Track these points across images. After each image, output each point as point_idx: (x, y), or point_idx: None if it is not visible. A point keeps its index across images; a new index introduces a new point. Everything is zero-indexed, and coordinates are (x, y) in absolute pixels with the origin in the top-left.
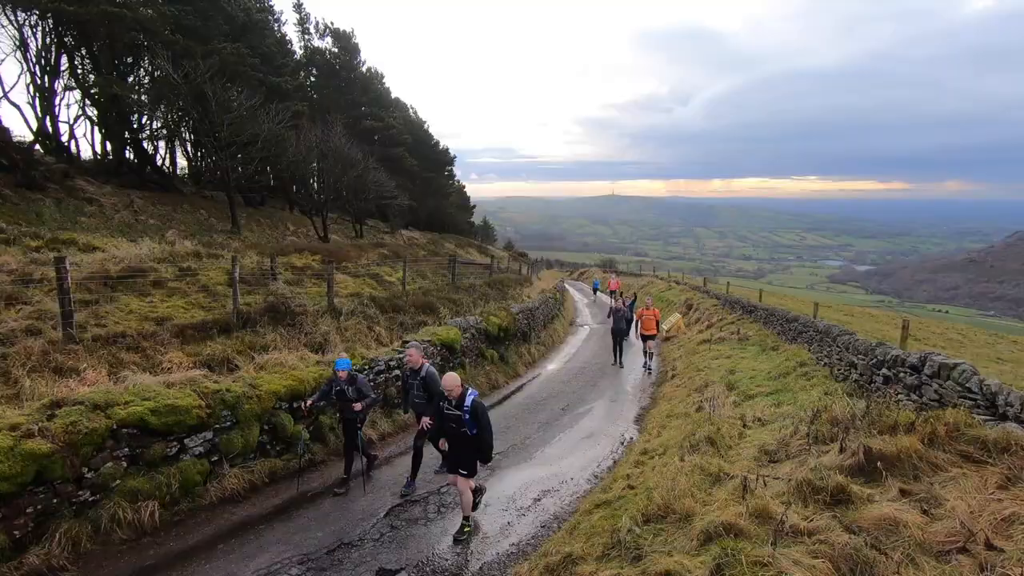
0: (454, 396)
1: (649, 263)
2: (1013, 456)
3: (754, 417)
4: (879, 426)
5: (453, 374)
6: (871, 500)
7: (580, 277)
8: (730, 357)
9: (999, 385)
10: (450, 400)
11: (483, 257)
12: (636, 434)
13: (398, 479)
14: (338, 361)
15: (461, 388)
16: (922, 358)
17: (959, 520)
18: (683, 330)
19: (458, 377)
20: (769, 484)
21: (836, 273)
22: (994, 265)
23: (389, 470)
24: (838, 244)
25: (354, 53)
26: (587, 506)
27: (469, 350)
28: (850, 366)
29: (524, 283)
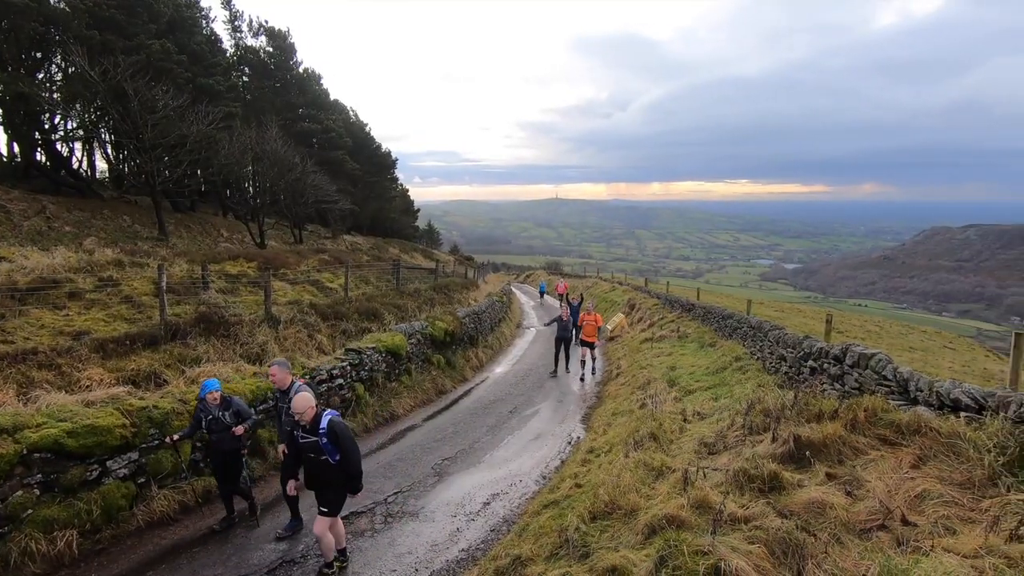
0: (306, 420)
1: (593, 264)
2: (924, 437)
3: (694, 411)
4: (807, 415)
5: (303, 393)
6: (801, 485)
7: (526, 280)
8: (671, 354)
9: (910, 372)
10: (303, 425)
11: (428, 261)
12: (583, 433)
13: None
14: (206, 383)
15: (314, 409)
16: (843, 349)
17: (878, 499)
18: (626, 329)
19: (310, 396)
20: (709, 475)
21: (767, 272)
22: (905, 261)
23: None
24: (768, 244)
25: (290, 53)
26: (536, 507)
27: (415, 356)
28: (780, 359)
29: (470, 287)
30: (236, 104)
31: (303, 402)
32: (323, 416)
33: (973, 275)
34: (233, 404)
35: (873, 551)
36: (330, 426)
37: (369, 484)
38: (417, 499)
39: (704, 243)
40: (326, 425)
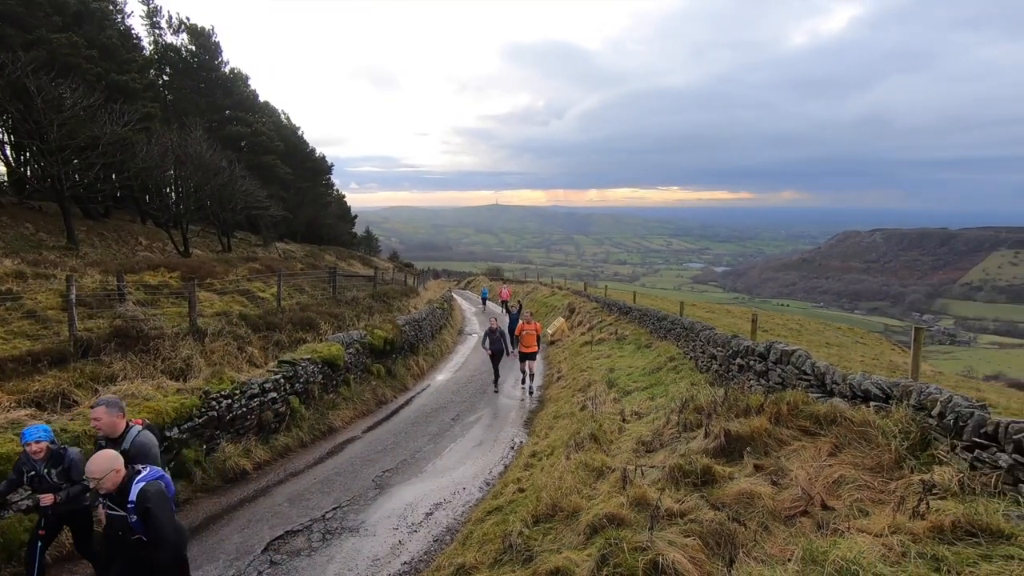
0: (109, 488)
1: (534, 270)
2: (840, 426)
3: (632, 411)
4: (736, 410)
5: (105, 451)
6: (732, 478)
7: (467, 286)
8: (610, 356)
9: (827, 366)
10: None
11: (367, 269)
12: (526, 437)
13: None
14: (26, 432)
15: (120, 473)
16: (768, 347)
17: (800, 487)
18: (567, 333)
19: (114, 457)
20: (647, 473)
21: (698, 274)
22: (821, 263)
23: (266, 500)
24: (699, 248)
25: (214, 52)
26: (479, 514)
27: (353, 366)
28: (711, 358)
29: (410, 294)
30: (155, 104)
31: (103, 462)
32: (133, 483)
33: (880, 275)
34: (66, 460)
35: (797, 536)
36: (141, 495)
37: (306, 501)
38: (357, 513)
39: (640, 248)
40: (136, 496)
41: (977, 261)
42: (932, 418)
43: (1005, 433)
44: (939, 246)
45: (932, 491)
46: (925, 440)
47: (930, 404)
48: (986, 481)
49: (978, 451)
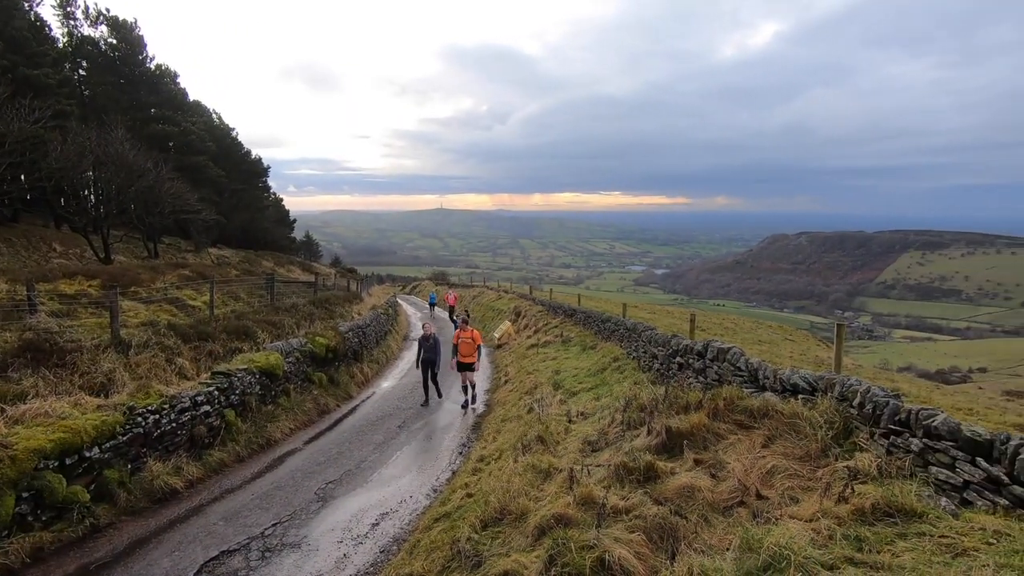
0: None
1: (480, 274)
2: (771, 419)
3: (578, 412)
4: (676, 407)
5: None
6: (673, 473)
7: (413, 291)
8: (556, 358)
9: (759, 362)
10: None
11: (307, 275)
12: (474, 442)
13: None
14: None
15: None
16: (705, 345)
17: (737, 479)
18: (514, 336)
19: None
20: (593, 472)
21: (640, 277)
22: (753, 265)
23: (199, 520)
24: (640, 251)
25: (137, 46)
26: (427, 522)
27: (294, 375)
28: (653, 357)
29: (354, 300)
30: (71, 101)
31: None
32: None
33: (805, 275)
34: None
35: (735, 526)
36: None
37: (243, 518)
38: (299, 528)
39: (584, 251)
40: None
41: (890, 261)
42: (853, 408)
43: (916, 419)
44: (857, 248)
45: (854, 477)
46: (848, 429)
47: (851, 395)
48: (901, 465)
49: (893, 437)
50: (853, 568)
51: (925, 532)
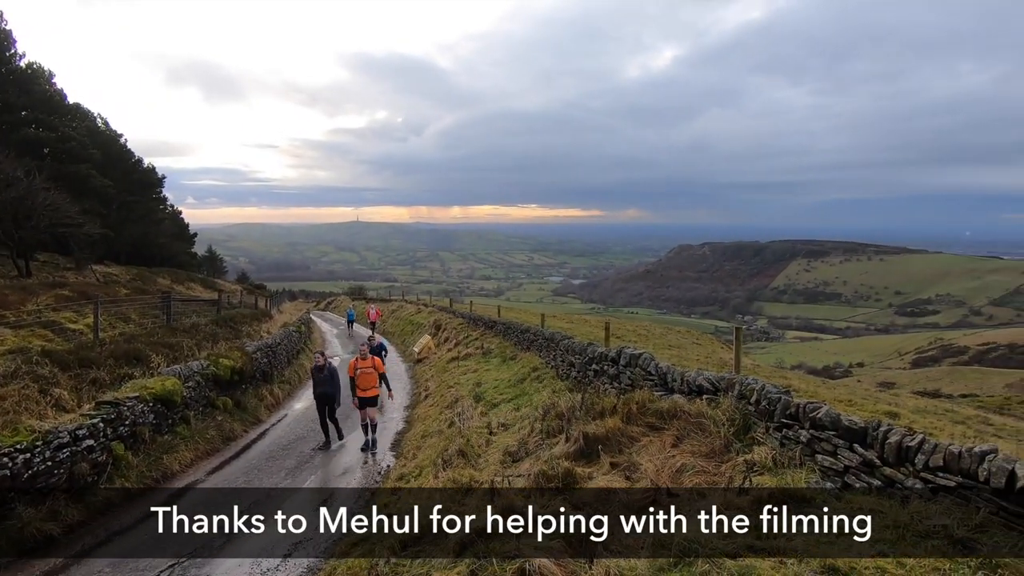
0: None
1: (399, 287)
2: (680, 420)
3: (499, 423)
4: (593, 413)
5: None
6: (591, 477)
7: (328, 307)
8: (476, 371)
9: (668, 366)
10: None
11: (210, 292)
12: (393, 460)
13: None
14: None
15: None
16: (619, 352)
17: (650, 479)
18: (434, 350)
19: None
20: (513, 482)
21: (558, 287)
22: (662, 274)
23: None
24: (558, 262)
25: (6, 41)
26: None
27: (194, 401)
28: (570, 365)
29: (263, 318)
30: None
31: None
32: None
33: (709, 283)
34: None
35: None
36: None
37: (135, 562)
38: (200, 568)
39: (503, 263)
40: None
41: (782, 269)
42: (751, 406)
43: (804, 413)
44: (753, 256)
45: (753, 469)
46: (747, 425)
47: (749, 394)
48: (792, 455)
49: (786, 430)
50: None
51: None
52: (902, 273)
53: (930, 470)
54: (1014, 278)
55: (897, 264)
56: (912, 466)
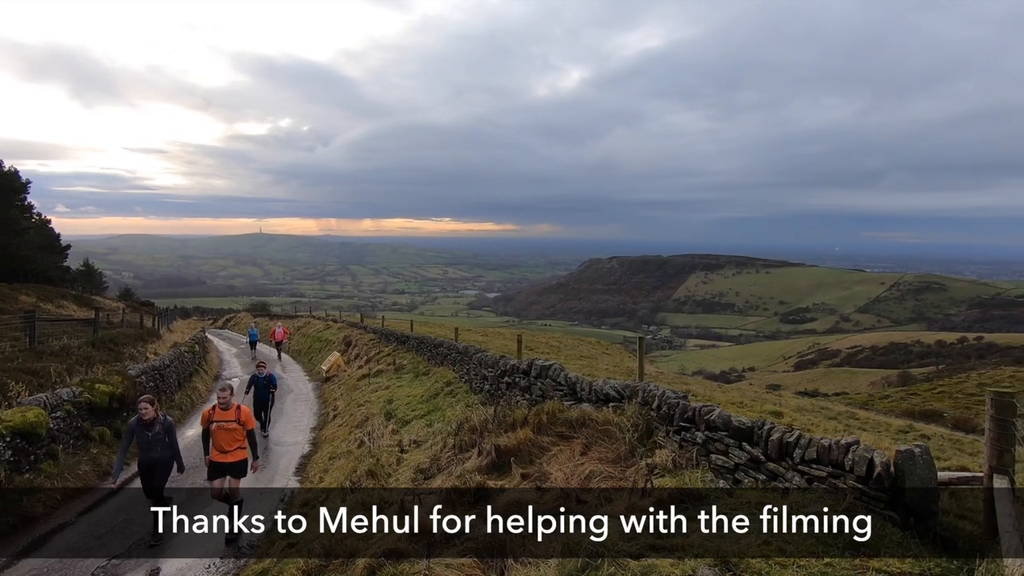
0: None
1: (306, 303)
2: (588, 428)
3: (411, 440)
4: (505, 425)
5: None
6: (503, 490)
7: (227, 324)
8: (388, 388)
9: (577, 377)
10: None
11: (86, 311)
12: (297, 486)
13: None
14: None
15: None
16: (530, 364)
17: (559, 487)
18: (343, 368)
19: None
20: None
21: (473, 300)
22: (574, 287)
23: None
24: (473, 276)
25: None
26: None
27: (64, 433)
28: (483, 379)
29: (149, 338)
30: None
31: None
32: None
33: (618, 295)
34: None
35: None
36: None
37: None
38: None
39: (417, 277)
40: None
41: (682, 281)
42: (653, 411)
43: (699, 415)
44: (657, 269)
45: (655, 471)
46: (650, 430)
47: (651, 400)
48: (689, 456)
49: (684, 432)
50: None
51: (709, 512)
52: (785, 285)
53: (806, 463)
54: (875, 288)
55: (780, 276)
56: (791, 460)
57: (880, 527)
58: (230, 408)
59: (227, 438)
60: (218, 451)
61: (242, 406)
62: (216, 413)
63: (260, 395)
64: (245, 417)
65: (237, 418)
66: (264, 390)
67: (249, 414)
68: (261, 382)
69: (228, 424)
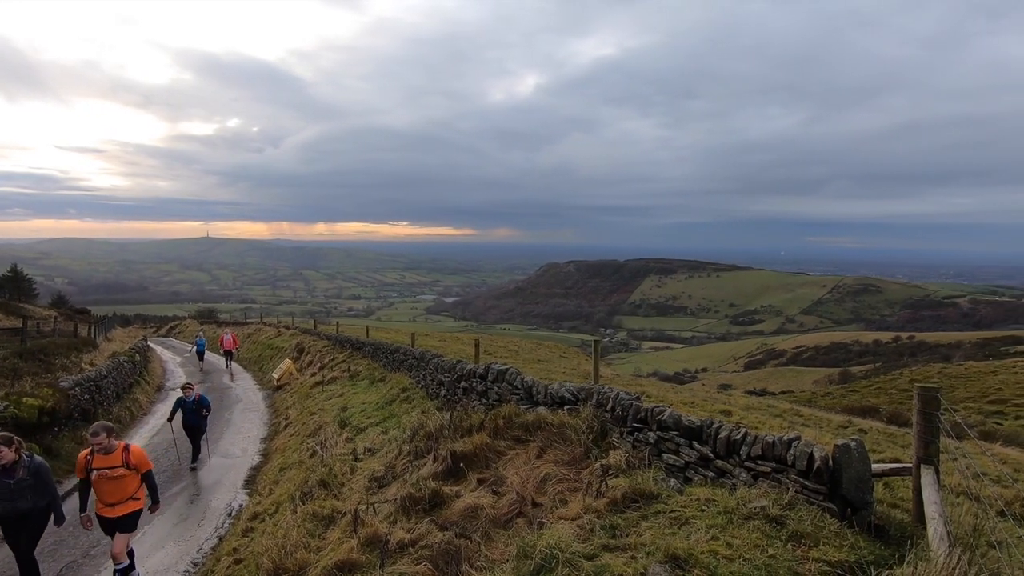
0: None
1: (257, 309)
2: (544, 431)
3: (365, 448)
4: (461, 430)
5: None
6: (459, 496)
7: (172, 332)
8: (342, 395)
9: (532, 380)
10: None
11: (12, 320)
12: (246, 499)
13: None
14: None
15: None
16: (486, 368)
17: (515, 491)
18: (295, 375)
19: None
20: (379, 509)
21: (431, 305)
22: (532, 291)
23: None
24: (431, 281)
25: None
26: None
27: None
28: (440, 384)
29: (85, 347)
30: None
31: None
32: None
33: (575, 299)
34: None
35: (513, 537)
36: None
37: None
38: None
39: (374, 282)
40: None
41: (637, 285)
42: (608, 413)
43: (651, 416)
44: (613, 273)
45: (609, 472)
46: (604, 431)
47: (606, 401)
48: (642, 456)
49: (637, 433)
50: (609, 553)
51: (660, 510)
52: (734, 288)
53: (752, 459)
54: (817, 291)
55: (730, 280)
56: (739, 457)
57: (820, 518)
58: (113, 451)
59: (112, 489)
60: (103, 504)
61: (131, 446)
62: (95, 459)
63: (189, 422)
64: (137, 459)
65: (125, 462)
66: (194, 415)
67: (142, 455)
68: (189, 406)
69: (113, 472)
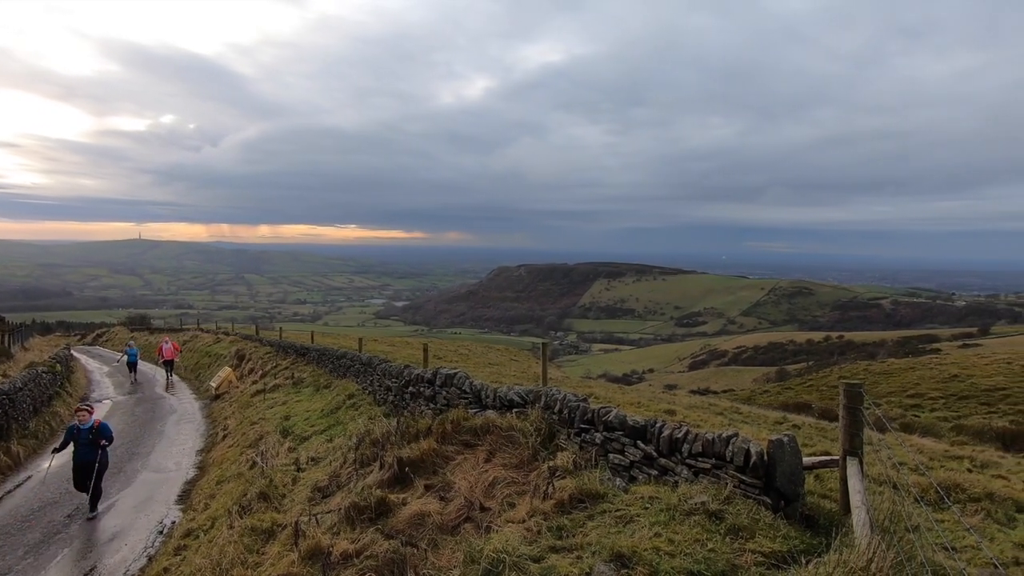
0: None
1: (194, 315)
2: (492, 435)
3: (308, 458)
4: (408, 436)
5: None
6: (405, 503)
7: (98, 341)
8: (285, 403)
9: (482, 384)
10: None
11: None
12: (179, 515)
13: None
14: None
15: None
16: (434, 373)
17: (463, 496)
18: (235, 384)
19: None
20: (322, 520)
21: (381, 309)
22: (484, 295)
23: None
24: (380, 284)
25: None
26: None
27: None
28: (388, 390)
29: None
30: None
31: None
32: None
33: (526, 302)
34: None
35: (461, 542)
36: None
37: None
38: None
39: (321, 286)
40: None
41: (587, 288)
42: (555, 415)
43: (598, 417)
44: (563, 277)
45: (556, 474)
46: (552, 433)
47: (553, 404)
48: (589, 457)
49: (584, 434)
50: (555, 555)
51: (606, 509)
52: (679, 291)
53: (693, 456)
54: (756, 293)
55: (675, 283)
56: (681, 455)
57: (756, 511)
58: None
59: None
60: None
61: None
62: None
63: (83, 457)
64: None
65: None
66: (89, 448)
67: None
68: (84, 436)
69: None
